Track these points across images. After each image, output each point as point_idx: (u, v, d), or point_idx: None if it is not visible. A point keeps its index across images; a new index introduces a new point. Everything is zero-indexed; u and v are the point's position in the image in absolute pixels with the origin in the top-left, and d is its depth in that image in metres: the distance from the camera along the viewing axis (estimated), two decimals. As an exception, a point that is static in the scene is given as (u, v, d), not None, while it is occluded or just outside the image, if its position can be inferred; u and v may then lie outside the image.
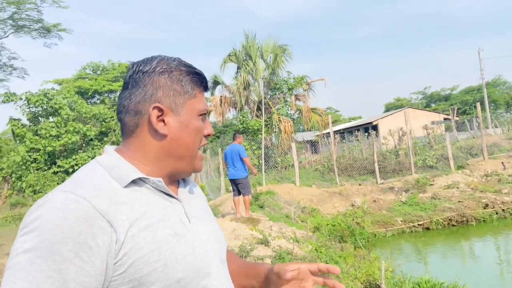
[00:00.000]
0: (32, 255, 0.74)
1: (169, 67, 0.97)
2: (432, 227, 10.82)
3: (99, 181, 0.87)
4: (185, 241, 0.92)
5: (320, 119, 20.00)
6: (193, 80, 0.99)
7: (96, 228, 0.78)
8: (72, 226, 0.76)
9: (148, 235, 0.85)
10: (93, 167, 0.91)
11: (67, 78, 31.89)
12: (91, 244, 0.77)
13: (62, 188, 0.84)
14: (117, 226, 0.81)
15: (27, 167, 14.90)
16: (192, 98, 0.98)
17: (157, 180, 0.92)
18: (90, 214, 0.79)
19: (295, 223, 9.69)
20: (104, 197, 0.83)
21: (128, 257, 0.81)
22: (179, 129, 0.96)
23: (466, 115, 38.85)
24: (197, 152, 1.01)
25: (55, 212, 0.77)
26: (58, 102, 15.86)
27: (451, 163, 15.23)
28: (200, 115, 1.00)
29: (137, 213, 0.86)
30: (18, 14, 18.58)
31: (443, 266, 8.49)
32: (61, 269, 0.75)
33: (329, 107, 61.23)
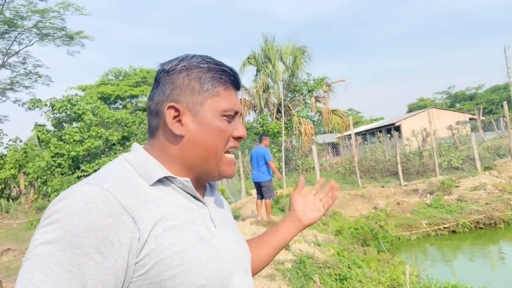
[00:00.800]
0: (52, 247, 0.72)
1: (189, 65, 0.93)
2: (459, 230, 10.50)
3: (126, 176, 0.84)
4: (210, 247, 0.88)
5: (341, 121, 19.78)
6: (216, 77, 0.93)
7: (120, 223, 0.75)
8: (96, 219, 0.73)
9: (172, 236, 0.81)
10: (120, 163, 0.89)
11: (90, 84, 32.55)
12: (113, 240, 0.74)
13: (88, 180, 0.81)
14: (141, 223, 0.78)
15: (52, 172, 15.20)
16: (213, 97, 0.92)
17: (184, 180, 0.89)
18: (114, 208, 0.76)
19: (317, 226, 9.56)
20: (130, 192, 0.80)
21: (151, 257, 0.78)
22: (197, 130, 0.91)
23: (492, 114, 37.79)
24: (222, 155, 0.94)
25: (79, 204, 0.74)
26: (81, 108, 16.16)
27: (478, 164, 14.78)
28: (224, 115, 0.92)
29: (162, 212, 0.82)
30: (42, 22, 19.07)
31: (470, 270, 8.22)
32: (81, 264, 0.71)
33: (350, 108, 60.62)
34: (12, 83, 21.38)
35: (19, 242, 9.28)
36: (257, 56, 20.69)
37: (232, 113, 0.94)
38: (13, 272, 7.74)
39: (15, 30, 19.13)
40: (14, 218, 12.68)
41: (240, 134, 0.96)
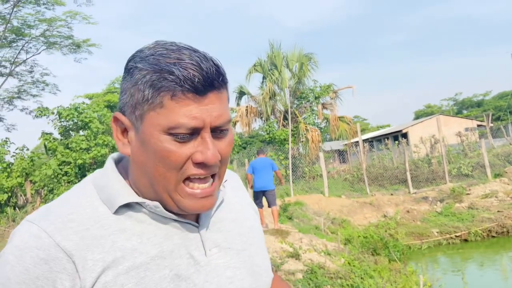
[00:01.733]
0: None
1: (135, 62, 0.69)
2: (471, 238, 10.31)
3: (78, 206, 0.69)
4: (188, 286, 0.70)
5: (348, 128, 19.65)
6: (159, 81, 0.65)
7: (57, 271, 0.63)
8: (28, 268, 0.62)
9: (129, 281, 0.65)
10: (83, 186, 0.75)
11: (97, 93, 32.70)
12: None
13: (32, 216, 0.69)
14: (83, 270, 0.64)
15: (59, 180, 15.18)
16: (155, 109, 0.66)
17: (153, 205, 0.71)
18: (51, 253, 0.63)
19: (325, 235, 9.42)
20: (75, 230, 0.66)
21: None
22: (138, 150, 0.70)
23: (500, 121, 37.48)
24: (175, 184, 0.69)
25: (13, 250, 0.64)
26: (88, 116, 16.18)
27: (488, 171, 14.59)
28: (170, 133, 0.66)
29: (118, 251, 0.67)
30: (50, 31, 19.19)
31: (483, 279, 8.05)
32: None
33: (356, 115, 60.47)
34: (20, 91, 21.50)
35: (25, 251, 9.23)
36: (263, 63, 20.67)
37: (183, 131, 0.66)
38: (19, 281, 7.67)
39: (22, 39, 19.27)
40: (20, 226, 12.66)
41: (202, 158, 0.68)
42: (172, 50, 0.67)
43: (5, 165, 15.01)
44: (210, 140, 0.69)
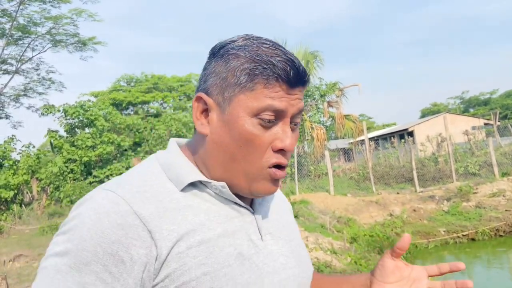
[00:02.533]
0: (59, 260, 0.64)
1: (232, 50, 0.74)
2: (478, 237, 10.21)
3: (151, 180, 0.72)
4: (251, 266, 0.72)
5: (354, 126, 19.52)
6: (257, 69, 0.70)
7: (133, 238, 0.64)
8: (105, 232, 0.64)
9: (201, 253, 0.68)
10: (150, 164, 0.77)
11: (102, 91, 32.83)
12: (124, 257, 0.63)
13: (106, 185, 0.71)
14: (159, 238, 0.66)
15: (64, 178, 15.24)
16: (245, 92, 0.71)
17: (220, 185, 0.74)
18: (128, 220, 0.65)
19: (331, 234, 9.36)
20: (150, 201, 0.68)
21: (171, 280, 0.65)
22: (221, 131, 0.73)
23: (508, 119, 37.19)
24: (257, 169, 0.73)
25: (90, 213, 0.66)
26: (93, 114, 16.23)
27: (495, 170, 14.45)
28: (258, 117, 0.71)
29: (190, 225, 0.69)
30: (56, 29, 19.25)
31: (491, 279, 7.98)
32: (86, 283, 0.62)
33: (362, 114, 60.27)
34: (26, 89, 21.59)
35: (31, 248, 9.24)
36: (268, 61, 20.63)
37: (271, 115, 0.71)
38: (25, 278, 7.68)
39: (28, 36, 19.33)
40: (26, 224, 12.68)
41: (282, 145, 0.72)
42: (268, 45, 0.73)
43: (11, 163, 15.06)
44: (289, 129, 0.74)
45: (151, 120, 19.96)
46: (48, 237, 8.60)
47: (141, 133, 18.36)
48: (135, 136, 18.29)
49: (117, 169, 15.59)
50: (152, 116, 25.30)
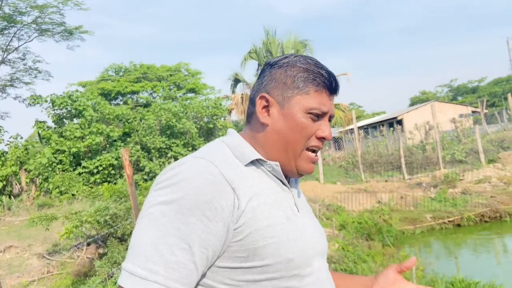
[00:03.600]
0: (164, 207, 0.83)
1: (289, 62, 0.99)
2: (464, 223, 10.41)
3: (225, 154, 0.94)
4: (296, 227, 0.93)
5: (343, 115, 19.67)
6: (310, 78, 0.97)
7: (221, 191, 0.84)
8: (201, 186, 0.83)
9: (265, 210, 0.89)
10: (219, 144, 0.99)
11: (90, 81, 32.42)
12: (216, 205, 0.83)
13: (194, 154, 0.92)
14: (240, 194, 0.86)
15: (53, 169, 15.14)
16: (302, 94, 0.96)
17: (274, 164, 0.96)
18: (217, 178, 0.85)
19: (320, 221, 9.47)
20: (230, 167, 0.90)
21: (247, 226, 0.85)
22: (280, 121, 0.97)
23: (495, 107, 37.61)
24: (302, 151, 0.98)
25: (187, 173, 0.85)
26: (82, 104, 16.07)
27: (482, 157, 14.69)
28: (309, 113, 0.96)
29: (256, 189, 0.90)
30: (42, 18, 18.94)
31: (476, 264, 8.15)
32: (189, 223, 0.81)
33: (352, 102, 60.43)
34: (12, 79, 21.30)
35: (21, 239, 9.24)
36: (258, 50, 20.56)
37: (318, 112, 0.97)
38: (15, 269, 7.69)
39: (14, 26, 19.01)
40: (16, 215, 12.63)
41: (324, 134, 0.99)
42: (314, 60, 1.00)
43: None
44: (328, 124, 1.01)
45: (140, 110, 19.81)
46: (38, 228, 8.59)
47: (130, 123, 18.25)
48: (124, 126, 18.18)
49: (107, 159, 15.52)
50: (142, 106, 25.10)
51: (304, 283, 0.92)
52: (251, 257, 0.86)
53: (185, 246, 0.81)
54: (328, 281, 1.01)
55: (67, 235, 6.90)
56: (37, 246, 8.77)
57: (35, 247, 8.74)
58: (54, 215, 8.10)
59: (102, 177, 15.52)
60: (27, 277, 7.25)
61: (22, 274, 7.36)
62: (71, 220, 7.31)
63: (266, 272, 0.87)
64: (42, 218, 7.92)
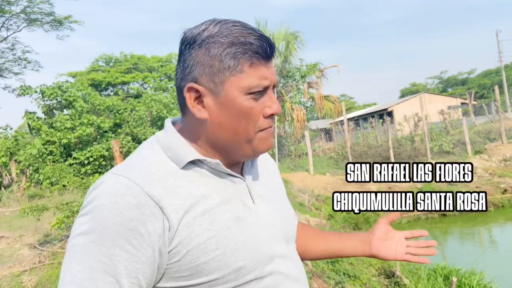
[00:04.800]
0: (86, 238, 0.75)
1: (209, 37, 0.82)
2: (449, 213, 10.64)
3: (154, 162, 0.83)
4: (247, 226, 0.86)
5: (333, 107, 19.75)
6: (239, 52, 0.81)
7: (147, 215, 0.75)
8: (123, 212, 0.74)
9: (204, 221, 0.80)
10: (151, 146, 0.88)
11: (80, 71, 32.13)
12: (142, 231, 0.75)
13: (115, 170, 0.82)
14: (169, 212, 0.77)
15: (44, 160, 15.09)
16: (236, 74, 0.81)
17: (214, 163, 0.86)
18: (141, 200, 0.76)
19: (309, 211, 9.64)
20: (157, 181, 0.79)
21: (183, 245, 0.78)
22: (220, 112, 0.83)
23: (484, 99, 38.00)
24: (254, 134, 0.86)
25: (107, 196, 0.76)
26: (72, 95, 15.98)
27: (468, 148, 14.93)
28: (250, 93, 0.82)
29: (193, 198, 0.81)
30: (30, 7, 18.73)
31: (460, 252, 8.36)
32: (112, 255, 0.74)
33: (343, 94, 60.66)
34: (1, 69, 21.08)
35: (12, 230, 9.26)
36: (249, 41, 20.49)
37: (260, 89, 0.84)
38: (7, 259, 7.74)
39: (2, 16, 18.78)
40: (6, 206, 12.61)
41: (272, 111, 0.86)
42: (239, 26, 0.83)
43: (-12, 145, 14.82)
44: (274, 96, 0.88)
45: (131, 101, 19.75)
46: (29, 218, 8.63)
47: (121, 114, 18.20)
48: (115, 117, 18.12)
49: (98, 150, 15.51)
50: (132, 97, 25.01)
51: (262, 285, 0.86)
52: (194, 275, 0.79)
53: (111, 280, 0.74)
54: (296, 268, 0.96)
55: (59, 225, 6.93)
56: (28, 236, 8.80)
57: (26, 237, 8.77)
58: (45, 205, 8.13)
59: (93, 168, 15.52)
60: (18, 267, 7.30)
61: (14, 264, 7.40)
62: (62, 211, 7.34)
63: (217, 285, 0.81)
64: (33, 208, 7.95)
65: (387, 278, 5.40)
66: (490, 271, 6.00)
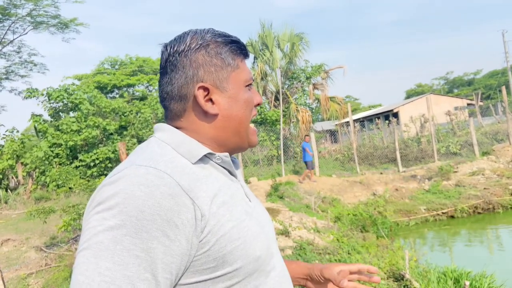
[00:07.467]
0: (116, 233, 0.69)
1: (204, 41, 0.90)
2: (457, 215, 10.54)
3: (172, 156, 0.83)
4: (255, 219, 0.90)
5: (338, 108, 19.69)
6: (232, 50, 0.92)
7: (181, 205, 0.74)
8: (160, 202, 0.72)
9: (226, 212, 0.82)
10: (157, 143, 0.87)
11: (86, 74, 32.28)
12: (177, 222, 0.73)
13: (139, 162, 0.79)
14: (200, 203, 0.77)
15: (50, 162, 15.14)
16: (235, 70, 0.92)
17: (223, 155, 0.90)
18: (175, 190, 0.75)
19: (316, 213, 9.58)
20: (183, 173, 0.80)
21: (212, 234, 0.78)
22: (229, 105, 0.91)
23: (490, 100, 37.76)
24: (249, 124, 0.95)
25: (139, 187, 0.73)
26: (78, 97, 16.04)
27: (476, 149, 14.81)
28: (246, 85, 0.94)
29: (212, 190, 0.82)
30: (36, 10, 18.83)
31: (469, 255, 8.27)
32: (150, 248, 0.70)
33: (348, 95, 60.47)
34: (8, 72, 21.22)
35: (18, 232, 9.28)
36: (254, 43, 20.50)
37: (251, 82, 0.96)
38: (13, 262, 7.75)
39: (9, 19, 18.90)
40: (13, 208, 12.66)
41: (259, 100, 0.98)
42: (219, 31, 0.94)
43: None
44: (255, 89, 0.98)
45: (136, 104, 19.79)
46: (36, 221, 8.64)
47: (126, 116, 18.24)
48: (120, 119, 18.16)
49: (103, 153, 15.53)
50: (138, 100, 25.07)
51: (270, 278, 0.89)
52: (220, 265, 0.79)
53: (148, 276, 0.69)
54: (285, 267, 1.00)
55: (65, 228, 6.94)
56: (35, 239, 8.82)
57: (32, 240, 8.79)
58: (51, 208, 8.14)
59: (99, 170, 15.55)
60: (25, 270, 7.31)
61: (20, 267, 7.41)
62: (68, 213, 7.35)
63: (236, 277, 0.81)
64: (39, 211, 7.96)
65: (396, 281, 5.34)
66: (500, 273, 5.92)
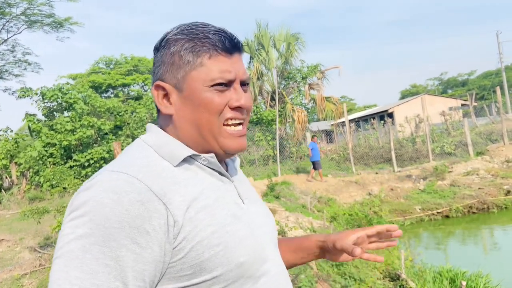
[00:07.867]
0: (85, 241, 0.68)
1: (170, 38, 0.85)
2: (452, 215, 10.59)
3: (149, 160, 0.80)
4: (244, 223, 0.85)
5: (334, 108, 19.72)
6: (197, 46, 0.83)
7: (152, 211, 0.72)
8: (128, 209, 0.70)
9: (206, 216, 0.78)
10: (140, 146, 0.85)
11: (81, 73, 32.13)
12: (148, 228, 0.71)
13: (112, 168, 0.77)
14: (173, 208, 0.74)
15: (44, 162, 15.04)
16: (196, 68, 0.82)
17: (209, 156, 0.85)
18: (145, 196, 0.72)
19: (312, 213, 9.59)
20: (157, 177, 0.77)
21: (188, 241, 0.75)
22: (183, 107, 0.84)
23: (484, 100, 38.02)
24: (219, 128, 0.85)
25: (108, 194, 0.71)
26: (72, 97, 15.94)
27: (470, 149, 14.88)
28: (213, 85, 0.82)
29: (192, 194, 0.79)
30: (30, 9, 18.72)
31: (463, 254, 8.31)
32: (118, 256, 0.68)
33: (344, 95, 60.66)
34: (1, 71, 21.08)
35: (12, 233, 9.21)
36: (250, 43, 20.48)
37: (223, 81, 0.83)
38: (7, 262, 7.69)
39: (3, 18, 18.78)
40: (7, 208, 12.56)
41: (239, 103, 0.84)
42: (200, 24, 0.85)
43: (-12, 148, 14.77)
44: (241, 90, 0.86)
45: (131, 103, 19.70)
46: (30, 221, 8.58)
47: (121, 116, 18.15)
48: (115, 119, 18.08)
49: (98, 153, 15.45)
50: (133, 99, 24.98)
51: (259, 284, 0.84)
52: (197, 272, 0.76)
53: (118, 285, 0.68)
54: (284, 273, 0.94)
55: (59, 228, 6.89)
56: (29, 239, 8.75)
57: (26, 240, 8.72)
58: (45, 208, 8.09)
59: (93, 170, 15.45)
60: (19, 270, 7.25)
61: (14, 268, 7.35)
62: (62, 213, 7.30)
63: (217, 284, 0.78)
64: (33, 211, 7.91)
65: (391, 281, 5.35)
66: (495, 273, 5.94)
